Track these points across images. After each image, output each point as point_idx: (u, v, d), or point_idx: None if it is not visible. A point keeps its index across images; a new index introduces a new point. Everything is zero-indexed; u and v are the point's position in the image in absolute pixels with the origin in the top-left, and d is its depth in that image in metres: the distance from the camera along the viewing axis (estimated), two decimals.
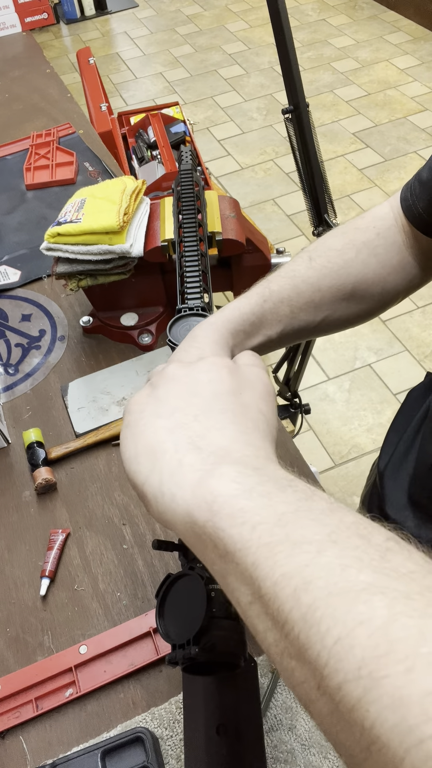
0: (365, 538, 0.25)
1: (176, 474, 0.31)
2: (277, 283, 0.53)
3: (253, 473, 0.29)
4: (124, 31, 4.03)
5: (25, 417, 0.84)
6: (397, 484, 0.62)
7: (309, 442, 1.88)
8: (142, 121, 1.71)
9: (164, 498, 0.31)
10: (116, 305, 0.92)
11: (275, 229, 2.56)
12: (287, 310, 0.52)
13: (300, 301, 0.53)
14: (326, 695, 0.22)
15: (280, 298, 0.52)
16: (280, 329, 0.53)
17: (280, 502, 0.27)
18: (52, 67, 1.61)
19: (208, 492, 0.29)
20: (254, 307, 0.51)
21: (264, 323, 0.52)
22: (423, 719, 0.19)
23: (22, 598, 0.67)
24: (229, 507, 0.28)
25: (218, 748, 0.40)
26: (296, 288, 0.53)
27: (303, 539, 0.25)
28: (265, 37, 3.74)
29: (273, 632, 0.25)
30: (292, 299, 0.52)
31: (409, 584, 0.22)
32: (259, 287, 0.53)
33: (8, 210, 1.19)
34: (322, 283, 0.53)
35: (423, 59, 3.41)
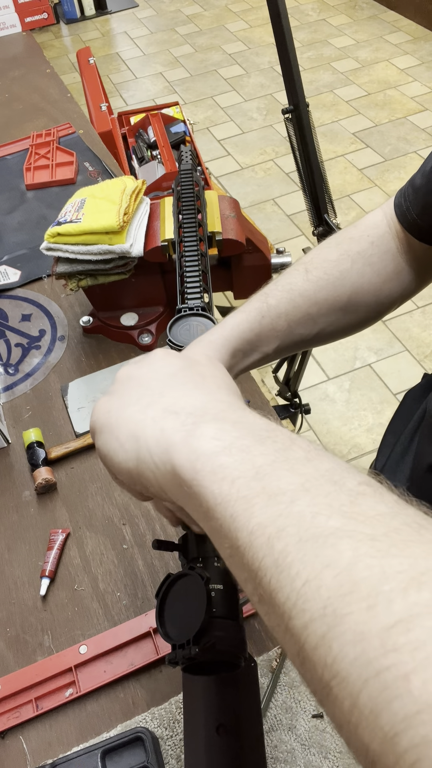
0: (338, 484, 0.26)
1: (161, 440, 0.32)
2: (275, 297, 0.53)
3: (232, 428, 0.30)
4: (124, 31, 4.03)
5: (25, 417, 0.84)
6: (394, 485, 0.62)
7: None
8: (142, 121, 1.71)
9: (158, 468, 0.32)
10: (116, 305, 0.92)
11: (275, 229, 2.56)
12: (284, 325, 0.53)
13: (297, 314, 0.53)
14: (294, 635, 0.23)
15: (277, 313, 0.52)
16: (277, 344, 0.53)
17: (259, 455, 0.28)
18: (52, 67, 1.61)
19: (191, 451, 0.30)
20: (252, 324, 0.52)
21: (262, 340, 0.52)
22: (381, 652, 0.19)
23: (22, 598, 0.67)
24: (210, 464, 0.29)
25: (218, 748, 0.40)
26: (293, 302, 0.53)
27: (278, 490, 0.26)
28: (265, 37, 3.74)
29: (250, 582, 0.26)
30: (289, 313, 0.53)
31: (376, 526, 0.23)
32: (257, 301, 0.53)
33: (8, 210, 1.19)
34: (318, 295, 0.54)
35: (423, 59, 3.41)
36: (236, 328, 0.51)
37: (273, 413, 0.82)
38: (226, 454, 0.29)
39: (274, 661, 0.59)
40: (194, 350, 0.49)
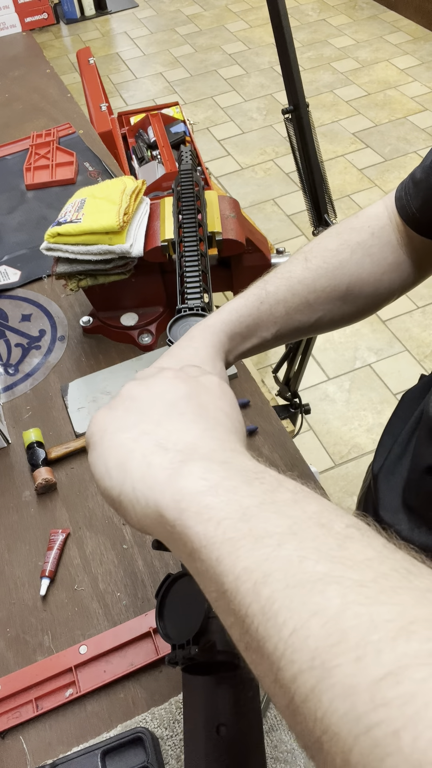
0: (325, 527, 0.25)
1: (146, 476, 0.31)
2: (274, 284, 0.54)
3: (220, 468, 0.29)
4: (124, 31, 4.03)
5: (25, 417, 0.84)
6: (391, 487, 0.62)
7: (309, 442, 1.88)
8: (142, 121, 1.71)
9: (139, 503, 0.31)
10: (116, 305, 0.92)
11: (275, 229, 2.56)
12: (283, 312, 0.53)
13: (295, 301, 0.53)
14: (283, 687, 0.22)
15: (276, 300, 0.53)
16: (275, 330, 0.54)
17: (246, 496, 0.27)
18: (52, 67, 1.61)
19: (176, 490, 0.29)
20: (251, 309, 0.52)
21: (260, 325, 0.53)
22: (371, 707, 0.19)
23: (22, 598, 0.67)
24: (196, 504, 0.28)
25: (218, 748, 0.40)
26: (292, 289, 0.53)
27: (265, 533, 0.25)
28: (265, 37, 3.74)
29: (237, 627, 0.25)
30: (287, 300, 0.53)
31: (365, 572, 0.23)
32: (256, 288, 0.54)
33: (8, 210, 1.19)
34: (317, 283, 0.54)
35: (423, 59, 3.41)
36: (234, 313, 0.52)
37: (273, 413, 0.82)
38: (213, 494, 0.28)
39: None
40: (194, 336, 0.49)
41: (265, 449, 0.77)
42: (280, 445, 0.78)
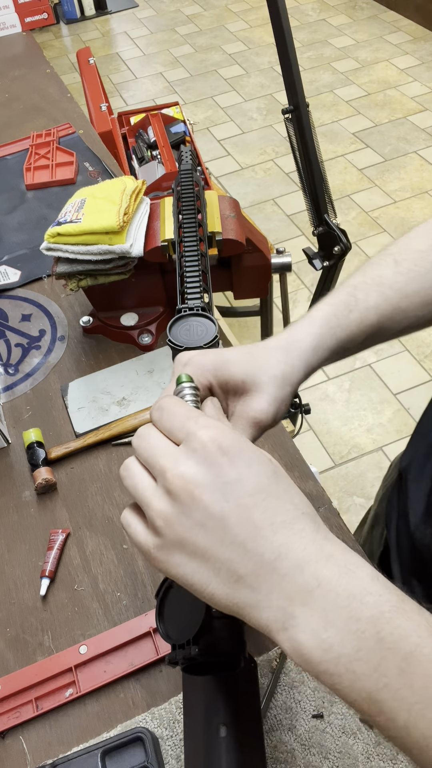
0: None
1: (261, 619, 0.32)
2: (363, 290, 0.50)
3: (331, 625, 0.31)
4: (124, 31, 4.03)
5: (25, 417, 0.84)
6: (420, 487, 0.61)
7: (309, 442, 1.88)
8: (142, 121, 1.71)
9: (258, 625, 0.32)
10: (116, 305, 0.92)
11: (275, 229, 2.56)
12: (374, 320, 0.50)
13: (387, 308, 0.50)
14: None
15: (366, 307, 0.49)
16: (362, 339, 0.50)
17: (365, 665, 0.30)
18: (52, 67, 1.61)
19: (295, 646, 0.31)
20: (341, 320, 0.48)
21: (350, 336, 0.49)
22: None
23: (22, 598, 0.67)
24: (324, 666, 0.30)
25: (218, 748, 0.40)
26: (384, 294, 0.50)
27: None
28: (265, 37, 3.74)
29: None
30: (379, 307, 0.50)
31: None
32: (344, 293, 0.50)
33: (8, 210, 1.19)
34: (409, 288, 0.51)
35: (423, 59, 3.41)
36: (325, 325, 0.48)
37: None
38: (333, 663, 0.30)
39: (274, 661, 0.59)
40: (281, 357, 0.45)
41: (265, 449, 0.77)
42: (280, 445, 0.78)
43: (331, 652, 0.30)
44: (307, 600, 0.31)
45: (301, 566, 0.31)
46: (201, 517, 0.32)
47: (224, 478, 0.33)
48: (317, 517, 0.35)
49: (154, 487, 0.34)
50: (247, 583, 0.32)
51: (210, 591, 0.32)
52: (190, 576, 0.33)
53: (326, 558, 0.32)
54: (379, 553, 0.71)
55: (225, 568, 0.32)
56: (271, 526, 0.32)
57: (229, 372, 0.42)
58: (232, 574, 0.32)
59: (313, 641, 0.30)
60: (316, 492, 0.73)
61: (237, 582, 0.32)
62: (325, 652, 0.30)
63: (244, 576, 0.32)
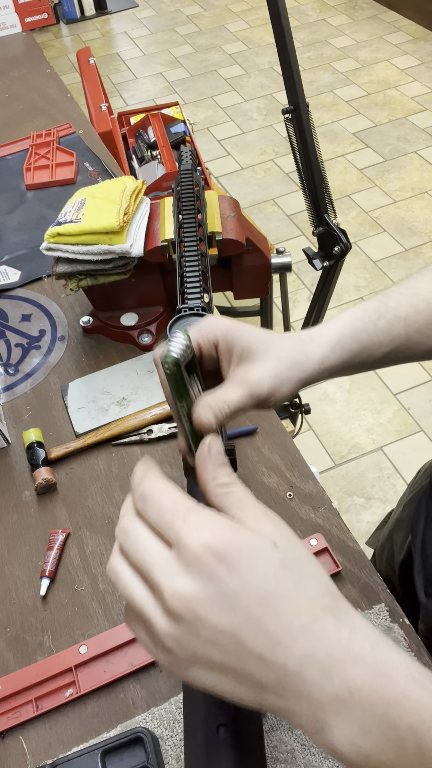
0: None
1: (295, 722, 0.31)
2: (395, 299, 0.49)
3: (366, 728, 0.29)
4: (124, 31, 4.03)
5: (25, 417, 0.84)
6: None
7: (309, 442, 1.88)
8: (142, 121, 1.71)
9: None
10: (116, 305, 0.92)
11: (275, 229, 2.56)
12: (402, 330, 0.48)
13: (418, 320, 0.48)
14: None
15: (396, 316, 0.48)
16: (388, 350, 0.48)
17: None
18: (52, 67, 1.61)
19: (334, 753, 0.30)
20: (366, 324, 0.47)
21: (374, 343, 0.48)
22: None
23: (22, 598, 0.67)
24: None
25: (218, 748, 0.40)
26: (415, 306, 0.49)
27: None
28: (265, 37, 3.74)
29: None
30: (409, 317, 0.48)
31: None
32: (375, 301, 0.49)
33: (8, 210, 1.19)
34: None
35: (423, 59, 3.41)
36: (349, 326, 0.47)
37: (273, 413, 0.82)
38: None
39: None
40: (297, 345, 0.44)
41: (265, 449, 0.77)
42: (280, 445, 0.78)
43: (371, 759, 0.29)
44: (341, 710, 0.29)
45: (330, 674, 0.29)
46: (211, 635, 0.30)
47: (226, 589, 0.30)
48: (339, 602, 0.32)
49: (153, 602, 0.31)
50: (274, 692, 0.30)
51: (238, 697, 0.31)
52: (212, 686, 0.31)
53: (354, 661, 0.29)
54: (401, 559, 0.71)
55: (248, 681, 0.30)
56: (288, 634, 0.29)
57: (241, 336, 0.42)
58: (256, 685, 0.30)
59: (351, 749, 0.29)
60: (316, 492, 0.73)
61: (264, 691, 0.30)
62: (364, 759, 0.29)
63: (269, 687, 0.30)
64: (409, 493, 0.76)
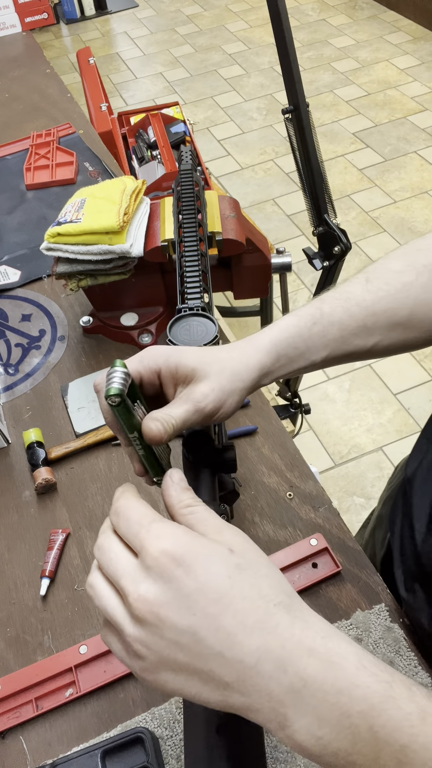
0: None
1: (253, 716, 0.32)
2: (329, 303, 0.50)
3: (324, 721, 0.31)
4: (124, 31, 4.03)
5: (25, 417, 0.84)
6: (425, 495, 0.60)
7: (309, 442, 1.88)
8: (142, 121, 1.71)
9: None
10: (116, 305, 0.92)
11: (275, 229, 2.56)
12: (337, 334, 0.50)
13: (352, 324, 0.50)
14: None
15: (330, 321, 0.49)
16: (326, 354, 0.50)
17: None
18: (52, 67, 1.61)
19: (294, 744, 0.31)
20: (302, 330, 0.49)
21: (310, 348, 0.49)
22: None
23: (22, 598, 0.67)
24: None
25: (218, 748, 0.40)
26: (349, 311, 0.50)
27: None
28: (265, 37, 3.74)
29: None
30: (343, 322, 0.50)
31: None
32: (311, 307, 0.51)
33: (8, 210, 1.19)
34: (377, 306, 0.50)
35: (423, 59, 3.41)
36: (285, 332, 0.49)
37: (273, 413, 0.82)
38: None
39: None
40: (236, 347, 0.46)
41: (265, 449, 0.77)
42: (280, 445, 0.78)
43: (330, 747, 0.30)
44: (296, 701, 0.30)
45: (284, 666, 0.31)
46: (173, 636, 0.31)
47: (184, 590, 0.32)
48: (293, 599, 0.33)
49: (122, 610, 0.33)
50: (236, 689, 0.31)
51: (204, 699, 0.32)
52: (181, 690, 0.33)
53: (307, 653, 0.31)
54: (381, 555, 0.71)
55: (211, 679, 0.32)
56: (244, 630, 0.31)
57: (182, 359, 0.43)
58: (219, 682, 0.32)
59: (309, 740, 0.30)
60: (316, 492, 0.73)
61: (226, 689, 0.32)
62: (323, 748, 0.30)
63: (230, 683, 0.31)
64: (387, 490, 0.77)
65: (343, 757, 0.30)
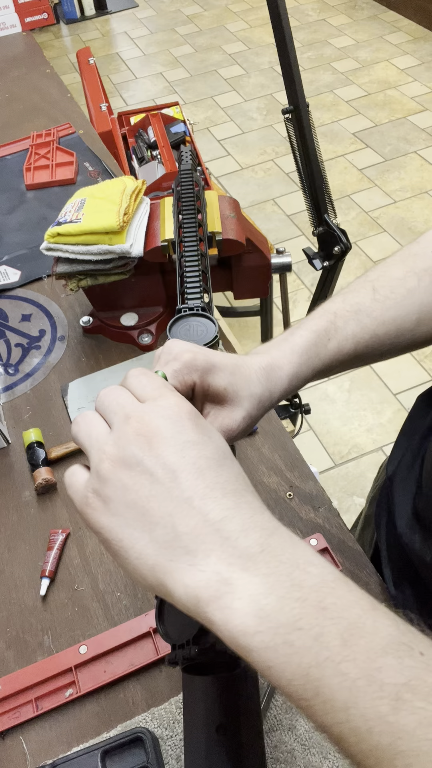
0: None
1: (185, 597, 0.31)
2: (343, 317, 0.51)
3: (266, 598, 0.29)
4: (124, 31, 4.03)
5: (25, 417, 0.84)
6: (405, 493, 0.61)
7: (309, 442, 1.88)
8: (142, 121, 1.71)
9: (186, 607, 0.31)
10: (116, 305, 0.92)
11: (275, 229, 2.56)
12: (351, 348, 0.50)
13: (365, 336, 0.51)
14: None
15: (344, 336, 0.50)
16: (337, 365, 0.51)
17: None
18: (52, 67, 1.61)
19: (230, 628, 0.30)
20: (319, 348, 0.49)
21: (325, 364, 0.49)
22: None
23: (22, 598, 0.67)
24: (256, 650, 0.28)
25: (218, 748, 0.40)
26: (361, 323, 0.50)
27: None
28: (265, 37, 3.74)
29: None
30: (356, 335, 0.50)
31: None
32: (324, 320, 0.50)
33: (8, 210, 1.19)
34: (386, 315, 0.51)
35: (423, 59, 3.41)
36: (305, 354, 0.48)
37: (273, 413, 0.82)
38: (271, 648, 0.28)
39: None
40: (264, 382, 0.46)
41: (265, 449, 0.77)
42: (280, 445, 0.78)
43: (269, 621, 0.28)
44: (248, 565, 0.29)
45: (247, 531, 0.30)
46: (151, 466, 0.32)
47: (185, 437, 0.33)
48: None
49: (108, 433, 0.34)
50: (183, 543, 0.30)
51: (138, 549, 0.31)
52: (124, 528, 0.32)
53: (273, 529, 0.31)
54: (370, 555, 0.71)
55: (162, 524, 0.31)
56: (222, 490, 0.32)
57: (215, 379, 0.43)
58: (170, 530, 0.31)
59: (249, 609, 0.28)
60: (316, 492, 0.73)
61: (173, 540, 0.30)
62: (261, 621, 0.28)
63: (181, 534, 0.30)
64: (372, 490, 0.77)
65: (282, 635, 0.28)
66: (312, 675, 0.27)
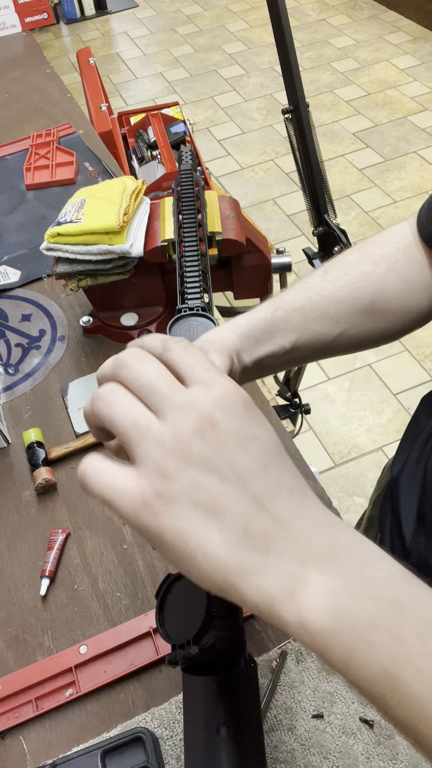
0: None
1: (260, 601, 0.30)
2: (290, 294, 0.51)
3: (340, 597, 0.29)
4: (124, 31, 4.03)
5: (25, 417, 0.84)
6: (411, 493, 0.61)
7: (309, 442, 1.88)
8: (142, 121, 1.71)
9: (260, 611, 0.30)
10: (116, 305, 0.92)
11: (275, 229, 2.56)
12: (300, 320, 0.50)
13: (314, 310, 0.50)
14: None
15: (292, 307, 0.50)
16: (294, 338, 0.50)
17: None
18: (52, 67, 1.61)
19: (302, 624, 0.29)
20: (264, 314, 0.49)
21: (275, 331, 0.49)
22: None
23: (22, 598, 0.67)
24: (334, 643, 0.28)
25: (218, 748, 0.40)
26: (310, 298, 0.51)
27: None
28: (265, 37, 3.74)
29: None
30: (305, 308, 0.50)
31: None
32: (270, 299, 0.52)
33: (8, 210, 1.19)
34: (337, 294, 0.51)
35: (423, 59, 3.41)
36: (246, 317, 0.49)
37: (273, 413, 0.82)
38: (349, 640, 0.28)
39: (274, 661, 0.59)
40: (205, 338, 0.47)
41: None
42: None
43: (347, 619, 0.27)
44: (322, 562, 0.29)
45: (317, 529, 0.30)
46: (218, 464, 0.29)
47: (247, 431, 0.30)
48: None
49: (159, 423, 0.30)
50: (255, 543, 0.29)
51: (207, 552, 0.29)
52: (191, 530, 0.29)
53: (338, 524, 0.31)
54: None
55: (235, 524, 0.29)
56: (288, 488, 0.30)
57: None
58: (242, 530, 0.29)
59: (326, 608, 0.28)
60: (316, 492, 0.73)
61: (244, 541, 0.29)
62: (339, 620, 0.27)
63: (253, 535, 0.29)
64: (376, 491, 0.77)
65: (360, 633, 0.27)
66: (390, 671, 0.27)
